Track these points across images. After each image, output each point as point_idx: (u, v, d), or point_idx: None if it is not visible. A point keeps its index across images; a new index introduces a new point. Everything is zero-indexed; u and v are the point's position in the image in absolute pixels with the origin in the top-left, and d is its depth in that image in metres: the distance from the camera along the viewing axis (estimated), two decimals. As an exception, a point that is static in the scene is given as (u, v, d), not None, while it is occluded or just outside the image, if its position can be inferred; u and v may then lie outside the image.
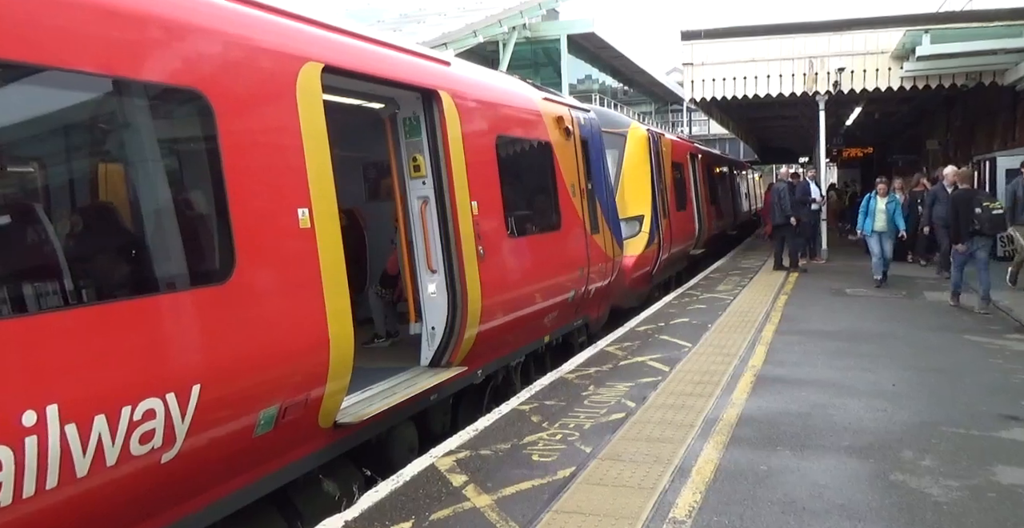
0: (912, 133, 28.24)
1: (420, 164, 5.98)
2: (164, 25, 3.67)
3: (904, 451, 5.02)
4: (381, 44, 5.60)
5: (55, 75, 3.19)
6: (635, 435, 5.39)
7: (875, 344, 8.38)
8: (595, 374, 7.29)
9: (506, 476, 4.69)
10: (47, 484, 2.93)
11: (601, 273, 9.41)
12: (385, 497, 4.43)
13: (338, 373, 4.54)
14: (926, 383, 6.77)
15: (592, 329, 9.82)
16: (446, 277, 6.00)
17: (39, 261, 3.23)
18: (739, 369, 7.27)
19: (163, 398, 3.37)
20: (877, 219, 13.25)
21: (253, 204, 4.02)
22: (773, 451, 5.04)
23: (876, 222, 13.21)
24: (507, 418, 5.92)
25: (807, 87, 16.08)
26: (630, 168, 13.00)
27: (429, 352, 6.09)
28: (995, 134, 18.01)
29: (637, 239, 12.45)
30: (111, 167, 3.78)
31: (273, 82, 4.28)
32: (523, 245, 7.38)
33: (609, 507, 4.19)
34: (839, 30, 15.91)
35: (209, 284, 3.78)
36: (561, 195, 8.37)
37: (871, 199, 13.42)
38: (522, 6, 32.48)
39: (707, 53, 16.46)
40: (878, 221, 13.24)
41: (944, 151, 23.19)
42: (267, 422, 4.06)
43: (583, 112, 9.69)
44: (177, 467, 3.52)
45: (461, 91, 6.38)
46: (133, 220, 3.75)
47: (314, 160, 4.44)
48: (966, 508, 4.13)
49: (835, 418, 5.74)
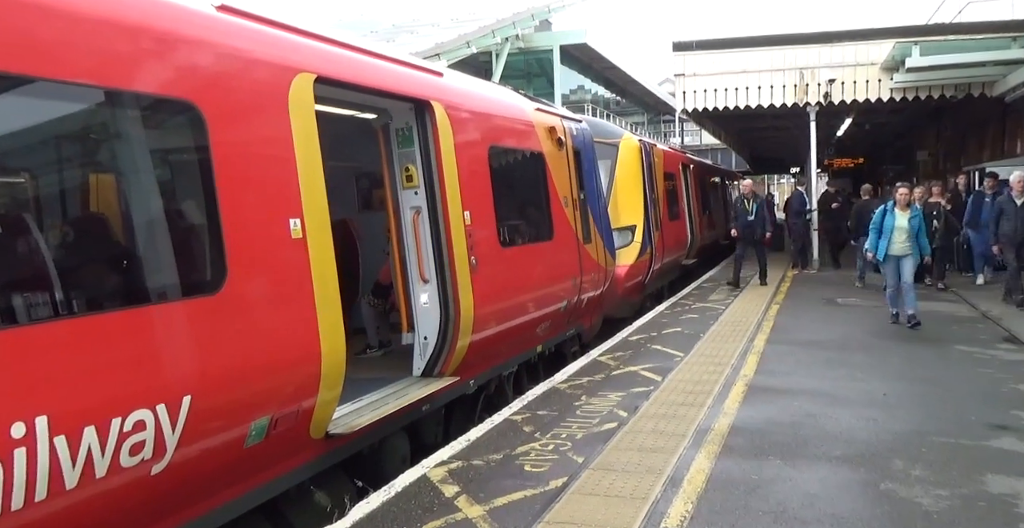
0: (902, 144, 28.45)
1: (412, 174, 6.00)
2: (156, 36, 3.68)
3: (895, 460, 5.03)
4: (374, 55, 5.62)
5: (47, 86, 3.19)
6: (627, 445, 5.39)
7: (866, 354, 8.41)
8: (587, 384, 7.29)
9: (498, 486, 4.68)
10: (36, 496, 2.91)
11: (593, 283, 9.42)
12: (377, 508, 4.42)
13: (330, 383, 4.53)
14: (917, 393, 6.79)
15: (584, 339, 9.82)
16: (438, 287, 6.00)
17: (30, 272, 3.22)
18: (731, 379, 7.28)
19: (153, 409, 3.36)
20: (895, 239, 9.83)
21: (245, 214, 4.02)
22: (765, 460, 5.05)
23: (894, 243, 9.84)
24: (499, 428, 5.91)
25: (798, 98, 16.19)
26: (622, 178, 13.05)
27: (421, 362, 6.08)
28: (985, 145, 18.17)
29: (629, 249, 12.49)
30: (103, 178, 3.78)
31: (266, 93, 4.29)
32: (516, 255, 7.40)
33: (601, 517, 4.18)
34: (830, 42, 16.05)
35: (200, 294, 3.78)
36: (554, 205, 8.40)
37: (886, 214, 9.95)
38: (515, 17, 32.61)
39: (699, 64, 16.56)
40: (896, 242, 9.83)
41: (934, 161, 23.37)
42: (258, 433, 4.04)
43: (575, 122, 9.74)
44: (167, 479, 3.50)
45: (454, 102, 6.40)
46: (125, 231, 3.75)
47: (306, 170, 4.45)
48: (956, 517, 4.14)
49: (826, 427, 5.75)
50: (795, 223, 17.35)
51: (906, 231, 9.80)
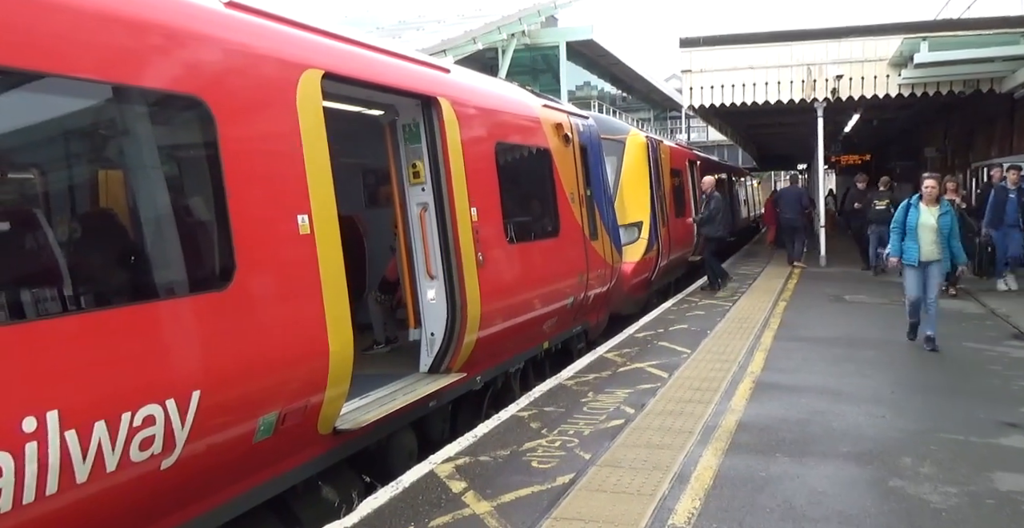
0: (910, 140, 28.33)
1: (419, 170, 5.99)
2: (164, 32, 3.68)
3: (903, 458, 5.02)
4: (381, 51, 5.62)
5: (56, 82, 3.20)
6: (634, 441, 5.39)
7: (874, 351, 8.39)
8: (594, 380, 7.29)
9: (505, 482, 4.69)
10: (47, 490, 2.93)
11: (600, 279, 9.41)
12: (385, 503, 4.43)
13: (337, 379, 4.54)
14: (925, 390, 6.77)
15: (591, 335, 9.82)
16: (445, 283, 6.00)
17: (40, 267, 3.24)
18: (738, 375, 7.27)
19: (163, 404, 3.38)
20: (921, 240, 8.15)
21: (253, 210, 4.03)
22: (772, 457, 5.04)
23: (919, 245, 8.15)
24: (506, 424, 5.91)
25: (805, 94, 16.13)
26: (629, 174, 13.02)
27: (428, 358, 6.09)
28: (993, 141, 18.08)
29: (636, 245, 12.46)
30: (112, 173, 3.79)
31: (273, 89, 4.30)
32: (522, 251, 7.39)
33: (608, 514, 4.18)
34: (837, 38, 15.98)
35: (209, 290, 3.79)
36: (560, 201, 8.39)
37: (911, 209, 8.28)
38: (521, 13, 32.57)
39: (706, 60, 16.52)
40: (923, 243, 8.15)
41: (942, 158, 23.27)
42: (266, 428, 4.05)
43: (582, 119, 9.72)
44: (176, 473, 3.52)
45: (460, 98, 6.40)
46: (133, 226, 3.76)
47: (314, 166, 4.46)
48: (965, 515, 4.13)
49: (834, 424, 5.74)
50: (789, 219, 16.99)
51: (934, 230, 8.11)
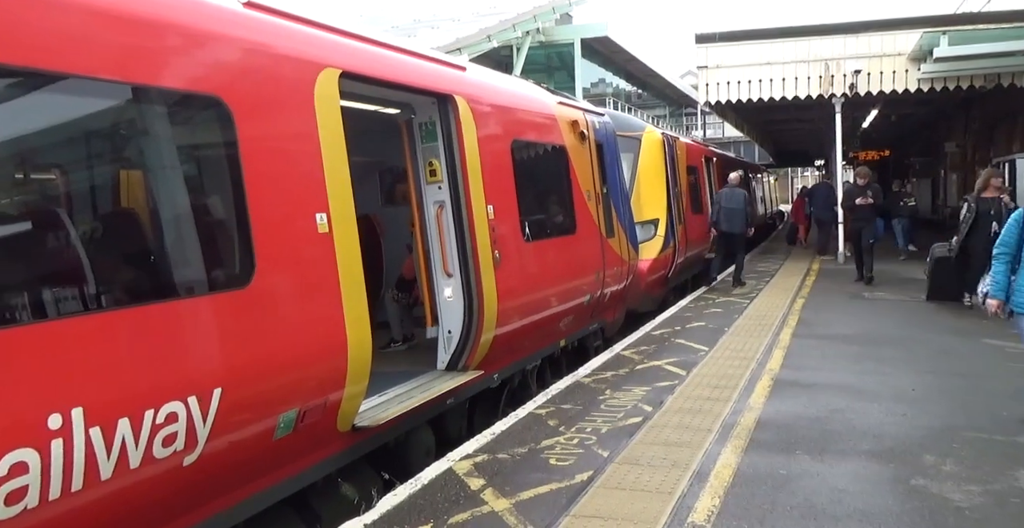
0: (929, 135, 28.03)
1: (436, 169, 6.00)
2: (184, 32, 3.71)
3: (925, 456, 4.97)
4: (397, 50, 5.64)
5: (77, 83, 3.23)
6: (652, 439, 5.38)
7: (894, 348, 8.31)
8: (611, 378, 7.27)
9: (524, 480, 4.69)
10: (72, 487, 2.96)
11: (616, 277, 9.39)
12: (404, 500, 4.45)
13: (356, 377, 4.56)
14: (946, 387, 6.71)
15: (608, 333, 9.79)
16: (462, 281, 6.01)
17: (63, 267, 3.27)
18: (756, 373, 7.23)
19: (185, 401, 3.41)
20: None
21: (272, 209, 4.05)
22: (792, 455, 5.02)
23: None
24: (524, 422, 5.92)
25: (823, 90, 15.98)
26: (645, 172, 12.97)
27: (446, 356, 6.10)
28: (1015, 136, 17.85)
29: (652, 243, 12.42)
30: (133, 174, 3.82)
31: (292, 88, 4.32)
32: (539, 249, 7.39)
33: (627, 511, 4.18)
34: (855, 32, 15.82)
35: (229, 289, 3.81)
36: (576, 199, 8.37)
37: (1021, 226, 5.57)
38: (536, 11, 32.49)
39: (722, 56, 16.42)
40: None
41: (962, 153, 23.00)
42: (286, 425, 4.08)
43: (597, 116, 9.69)
44: (198, 470, 3.55)
45: (476, 96, 6.40)
46: (155, 226, 3.79)
47: (332, 165, 4.48)
48: (989, 514, 4.09)
49: (854, 422, 5.70)
50: (823, 216, 17.39)
51: None
